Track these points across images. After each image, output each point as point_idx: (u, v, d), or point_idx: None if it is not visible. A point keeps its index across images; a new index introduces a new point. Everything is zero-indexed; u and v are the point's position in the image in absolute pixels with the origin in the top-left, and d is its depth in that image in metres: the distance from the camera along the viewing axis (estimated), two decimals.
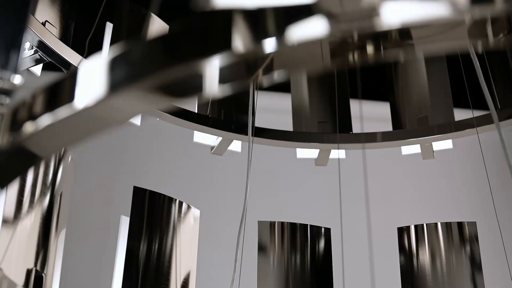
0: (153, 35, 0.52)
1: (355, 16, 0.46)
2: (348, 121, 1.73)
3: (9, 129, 0.60)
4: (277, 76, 0.49)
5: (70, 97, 0.55)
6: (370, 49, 0.49)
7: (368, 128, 1.65)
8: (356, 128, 1.71)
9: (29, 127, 0.58)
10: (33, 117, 0.58)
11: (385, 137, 1.68)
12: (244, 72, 0.50)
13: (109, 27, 1.58)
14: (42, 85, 0.58)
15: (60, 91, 0.57)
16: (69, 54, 1.41)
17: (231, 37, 0.47)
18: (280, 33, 0.47)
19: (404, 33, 0.48)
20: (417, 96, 1.78)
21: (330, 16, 0.46)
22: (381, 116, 2.05)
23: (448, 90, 1.75)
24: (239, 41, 0.47)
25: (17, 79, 0.62)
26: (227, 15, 0.48)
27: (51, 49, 1.38)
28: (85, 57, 1.41)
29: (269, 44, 0.47)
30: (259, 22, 0.48)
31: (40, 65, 1.45)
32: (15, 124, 0.60)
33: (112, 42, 1.54)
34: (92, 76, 0.54)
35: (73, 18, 1.50)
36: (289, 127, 1.70)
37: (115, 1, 1.58)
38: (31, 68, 1.43)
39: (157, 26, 1.59)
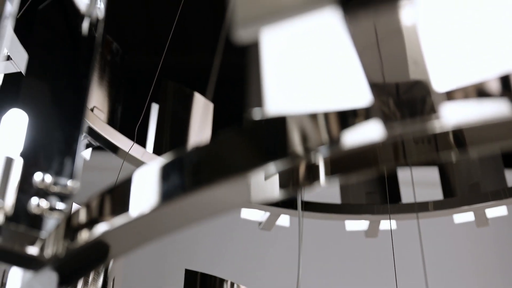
0: (203, 142, 0.52)
1: (410, 119, 0.46)
2: (397, 190, 1.71)
3: (64, 236, 0.61)
4: (328, 182, 0.48)
5: (125, 205, 0.55)
6: (421, 151, 0.48)
7: (416, 194, 1.62)
8: (404, 195, 1.68)
9: (84, 234, 0.58)
10: (88, 224, 0.58)
11: (437, 206, 1.64)
12: (294, 179, 0.49)
13: (154, 107, 1.61)
14: (97, 192, 0.58)
15: (114, 198, 0.57)
16: (117, 138, 1.44)
17: (284, 145, 0.47)
18: (333, 139, 0.47)
19: (458, 135, 0.47)
20: (467, 161, 1.74)
21: (385, 120, 0.46)
22: (428, 181, 2.02)
23: (498, 153, 1.72)
24: (293, 149, 0.47)
25: (72, 185, 0.62)
26: (280, 122, 0.48)
27: (100, 134, 1.40)
28: (135, 141, 1.43)
29: (322, 151, 0.47)
30: (312, 128, 0.48)
31: (90, 150, 1.48)
32: (71, 230, 0.60)
33: (158, 123, 1.56)
34: (146, 184, 0.54)
35: (120, 101, 1.54)
36: (336, 196, 1.68)
37: (159, 82, 1.61)
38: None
39: (200, 104, 1.61)
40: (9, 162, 0.60)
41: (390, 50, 0.46)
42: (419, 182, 1.84)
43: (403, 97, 0.47)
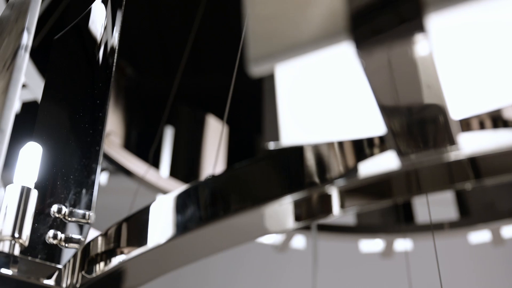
0: (219, 173, 0.53)
1: (426, 150, 0.46)
2: (411, 209, 1.70)
3: (80, 266, 0.61)
4: (342, 213, 0.48)
5: (142, 235, 0.55)
6: (435, 181, 0.48)
7: (431, 213, 1.61)
8: (418, 213, 1.67)
9: (101, 264, 0.58)
10: (104, 254, 0.59)
11: (453, 224, 1.63)
12: (309, 209, 0.49)
13: (169, 131, 1.62)
14: (114, 222, 0.58)
15: (130, 228, 0.58)
16: (132, 162, 1.45)
17: (301, 176, 0.47)
18: (349, 169, 0.47)
19: (473, 165, 0.47)
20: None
21: (400, 151, 0.46)
22: (443, 200, 2.00)
23: None
24: (309, 180, 0.47)
25: (89, 215, 0.63)
26: (297, 152, 0.48)
27: (115, 158, 1.41)
28: (150, 165, 1.43)
29: (339, 181, 0.47)
30: (328, 159, 0.48)
31: (106, 174, 1.49)
32: (87, 261, 0.60)
33: (173, 146, 1.57)
34: (162, 215, 0.54)
35: (135, 125, 1.55)
36: (350, 216, 1.67)
37: (174, 105, 1.62)
38: None
39: (213, 127, 1.62)
40: (24, 192, 0.61)
41: (405, 80, 0.46)
42: (434, 200, 1.83)
43: (418, 127, 0.47)
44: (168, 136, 1.57)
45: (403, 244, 1.61)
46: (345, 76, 0.46)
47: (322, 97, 0.48)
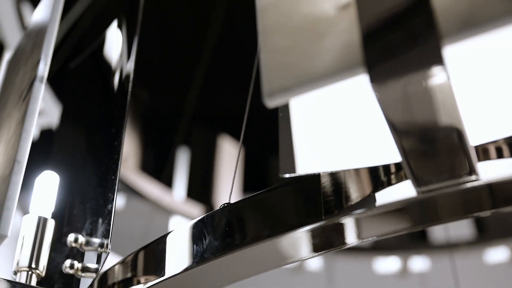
0: (237, 201, 0.52)
1: (442, 178, 0.45)
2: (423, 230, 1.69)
3: None
4: (359, 242, 0.48)
5: (159, 265, 0.55)
6: (453, 211, 0.47)
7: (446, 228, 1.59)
8: (434, 229, 1.66)
9: None
10: (121, 283, 0.58)
11: (470, 244, 1.62)
12: (327, 239, 0.49)
13: (184, 153, 1.62)
14: (130, 253, 0.58)
15: (147, 257, 0.57)
16: (149, 184, 1.45)
17: (319, 206, 0.47)
18: (366, 199, 0.46)
19: (492, 193, 0.46)
20: None
21: (417, 179, 0.45)
22: None
23: None
24: (326, 210, 0.47)
25: (106, 245, 0.63)
26: (313, 181, 0.48)
27: (131, 182, 1.41)
28: (166, 186, 1.44)
29: (357, 211, 0.46)
30: (346, 188, 0.47)
31: (123, 198, 1.49)
32: None
33: (189, 167, 1.57)
34: (178, 244, 0.54)
35: (150, 147, 1.55)
36: None
37: (189, 127, 1.63)
38: None
39: (227, 147, 1.62)
40: (41, 222, 0.61)
41: (420, 108, 0.46)
42: None
43: (434, 154, 0.47)
44: (183, 158, 1.58)
45: (419, 263, 1.60)
46: (360, 104, 0.46)
47: (338, 126, 0.47)
